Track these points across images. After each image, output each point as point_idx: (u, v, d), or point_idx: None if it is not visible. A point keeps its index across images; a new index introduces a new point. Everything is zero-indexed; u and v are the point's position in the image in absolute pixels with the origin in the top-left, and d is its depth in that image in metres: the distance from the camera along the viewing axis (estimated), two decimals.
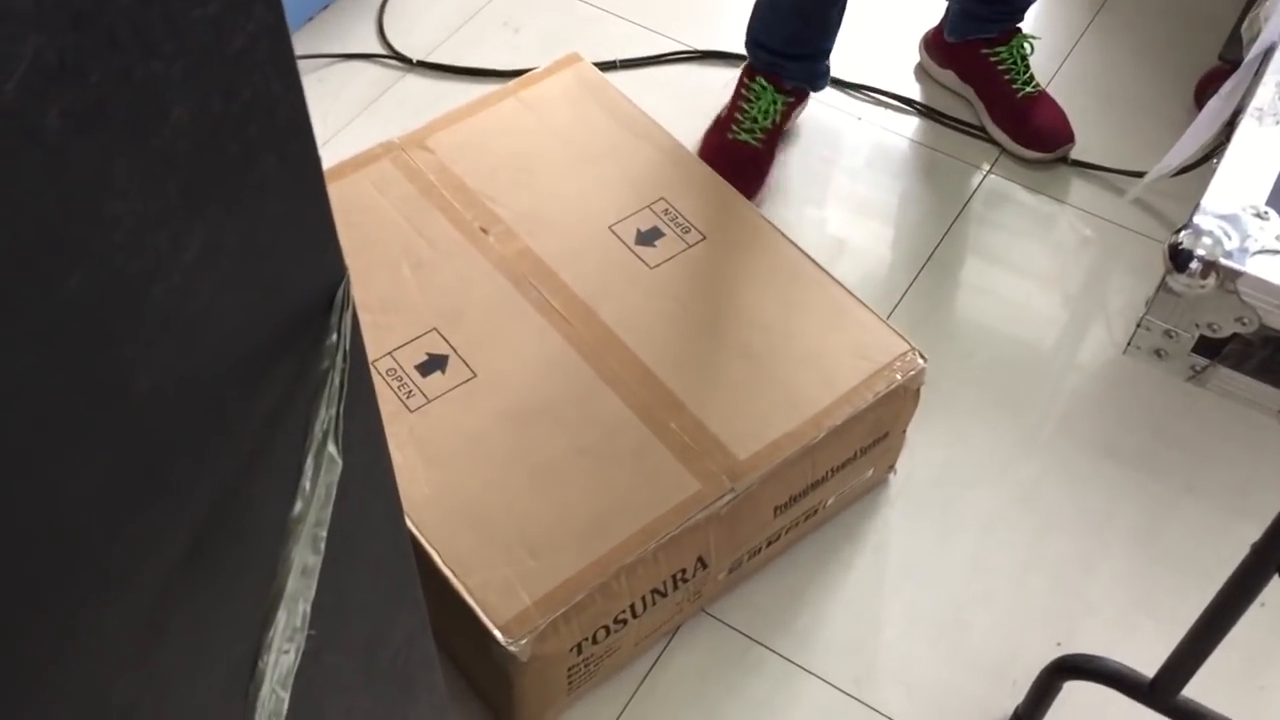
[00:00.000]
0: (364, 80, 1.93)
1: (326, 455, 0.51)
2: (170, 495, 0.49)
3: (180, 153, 0.43)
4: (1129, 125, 1.90)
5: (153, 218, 0.43)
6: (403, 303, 1.38)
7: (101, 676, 0.49)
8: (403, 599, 0.71)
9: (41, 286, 0.40)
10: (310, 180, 0.51)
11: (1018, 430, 1.58)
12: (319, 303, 0.54)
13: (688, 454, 1.28)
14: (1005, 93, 1.84)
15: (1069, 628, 1.41)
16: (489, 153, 1.53)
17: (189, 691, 0.56)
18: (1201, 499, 1.52)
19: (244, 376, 0.51)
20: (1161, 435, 1.57)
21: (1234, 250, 0.87)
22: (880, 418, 1.38)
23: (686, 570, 1.29)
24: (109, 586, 0.48)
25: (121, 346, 0.44)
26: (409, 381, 1.32)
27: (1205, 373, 0.94)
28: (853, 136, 1.90)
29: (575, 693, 1.31)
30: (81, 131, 0.38)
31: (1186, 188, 1.69)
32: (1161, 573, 1.46)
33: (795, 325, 1.40)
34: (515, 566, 1.20)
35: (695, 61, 1.98)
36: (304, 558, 0.49)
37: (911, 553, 1.47)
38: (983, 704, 1.35)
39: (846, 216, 1.79)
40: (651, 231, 1.46)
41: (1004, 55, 1.84)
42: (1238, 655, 1.27)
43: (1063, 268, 1.75)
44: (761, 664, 1.37)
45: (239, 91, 0.45)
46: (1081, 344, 1.69)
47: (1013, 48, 1.84)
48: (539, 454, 1.28)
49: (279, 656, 0.46)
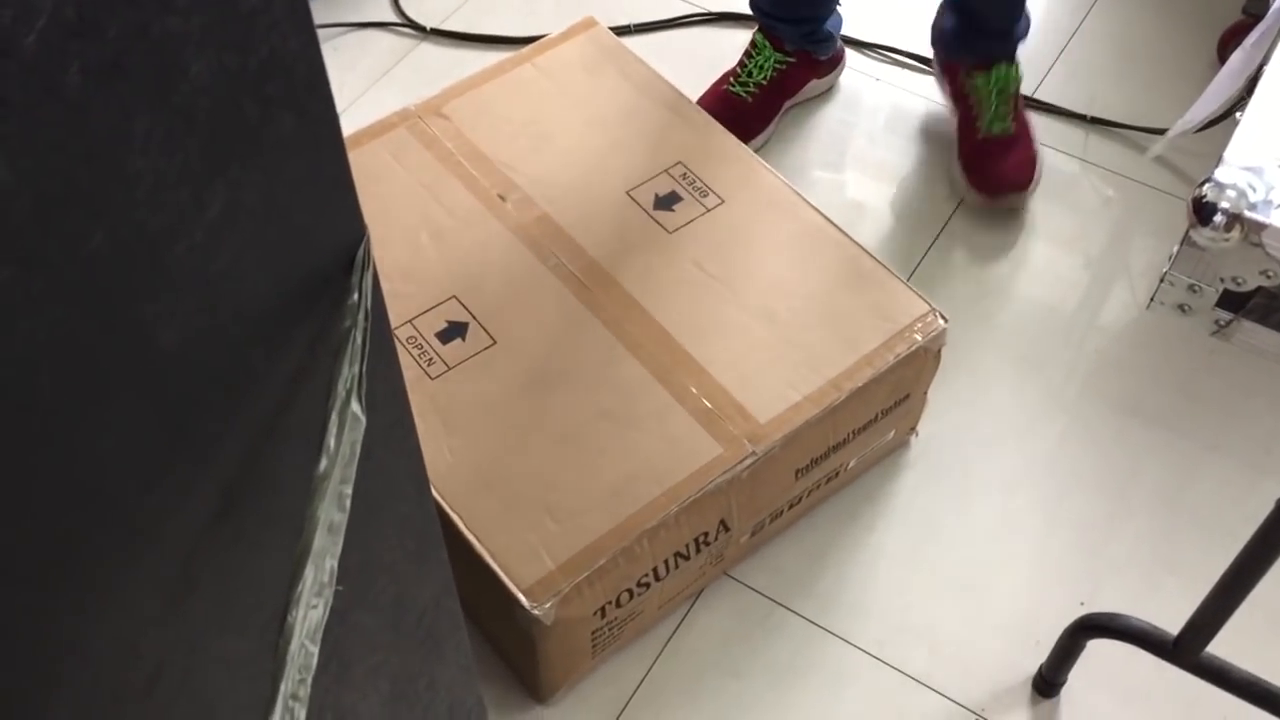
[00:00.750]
0: (379, 49, 1.93)
1: (350, 413, 0.51)
2: (197, 452, 0.49)
3: (199, 110, 0.43)
4: (1151, 81, 1.88)
5: (174, 175, 0.43)
6: (422, 271, 1.39)
7: (132, 631, 0.50)
8: (428, 559, 0.71)
9: (66, 243, 0.40)
10: (329, 139, 0.51)
11: (1040, 391, 1.58)
12: (340, 262, 0.54)
13: (708, 417, 1.28)
14: (969, 128, 1.72)
15: (1092, 586, 1.41)
16: (505, 119, 1.52)
17: (219, 647, 0.57)
18: (1226, 457, 1.51)
19: (267, 335, 0.51)
20: (1185, 394, 1.57)
21: (1258, 203, 0.86)
22: (901, 379, 1.37)
23: (709, 533, 1.29)
24: (139, 542, 0.48)
25: (146, 304, 0.44)
26: (429, 349, 1.33)
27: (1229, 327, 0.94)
28: (871, 98, 1.88)
29: (599, 656, 1.31)
30: (101, 87, 0.39)
31: (1210, 144, 1.67)
32: (1185, 531, 1.45)
33: (815, 287, 1.39)
34: (538, 531, 1.21)
35: (710, 24, 1.97)
36: (330, 515, 0.50)
37: (933, 514, 1.47)
38: (1006, 663, 1.36)
39: (865, 179, 1.78)
40: (669, 196, 1.46)
41: (979, 85, 1.70)
42: (1262, 613, 1.27)
43: (1084, 227, 1.74)
44: (784, 626, 1.38)
45: (256, 48, 0.45)
46: (1104, 304, 1.68)
47: (992, 78, 1.69)
48: (560, 419, 1.28)
49: (307, 611, 0.47)
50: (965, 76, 1.70)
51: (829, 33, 1.77)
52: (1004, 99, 1.69)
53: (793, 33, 1.75)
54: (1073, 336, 1.64)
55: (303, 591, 0.47)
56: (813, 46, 1.77)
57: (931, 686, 1.34)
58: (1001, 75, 1.69)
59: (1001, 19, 1.68)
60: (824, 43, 1.77)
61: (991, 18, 1.68)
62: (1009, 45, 1.70)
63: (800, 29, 1.74)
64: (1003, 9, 1.67)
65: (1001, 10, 1.68)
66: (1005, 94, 1.69)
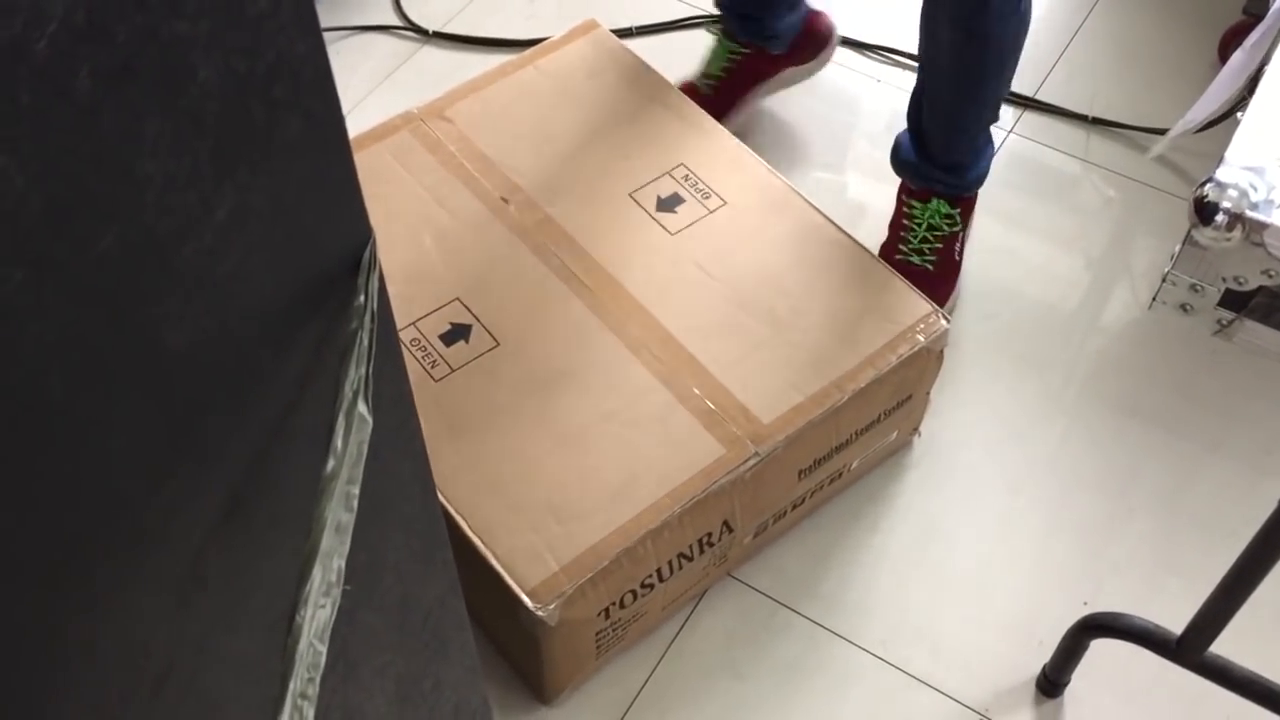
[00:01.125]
0: (381, 52, 1.93)
1: (357, 414, 0.52)
2: (205, 452, 0.50)
3: (208, 113, 0.43)
4: (1153, 81, 1.89)
5: (183, 178, 0.43)
6: (425, 273, 1.39)
7: (140, 631, 0.50)
8: (433, 559, 0.72)
9: (76, 246, 0.40)
10: (335, 142, 0.51)
11: (1042, 391, 1.58)
12: (346, 264, 0.54)
13: (711, 419, 1.29)
14: (892, 242, 1.62)
15: (1095, 586, 1.41)
16: (508, 122, 1.53)
17: (227, 646, 0.57)
18: (1227, 457, 1.51)
19: (274, 337, 0.51)
20: (1186, 395, 1.57)
21: (1260, 202, 0.87)
22: (904, 380, 1.38)
23: (712, 534, 1.30)
24: (147, 542, 0.48)
25: (154, 306, 0.44)
26: (433, 351, 1.33)
27: (1231, 326, 0.94)
28: (871, 100, 1.89)
29: (603, 657, 1.32)
30: (111, 91, 0.39)
31: (1211, 144, 1.68)
32: (1187, 531, 1.46)
33: (817, 288, 1.40)
34: (542, 533, 1.21)
35: (710, 27, 1.97)
36: (337, 515, 0.50)
37: (936, 515, 1.48)
38: (1010, 663, 1.36)
39: (867, 180, 1.78)
40: (672, 198, 1.46)
41: (915, 211, 1.60)
42: (1266, 612, 1.27)
43: (1085, 228, 1.74)
44: (788, 627, 1.38)
45: (263, 52, 0.45)
46: (1105, 305, 1.68)
47: (927, 209, 1.59)
48: (563, 421, 1.29)
49: (315, 611, 0.47)
50: (905, 196, 1.62)
51: (776, 31, 1.76)
52: (936, 234, 1.59)
53: (743, 27, 1.75)
54: (1074, 337, 1.64)
55: (311, 591, 0.47)
56: (762, 41, 1.76)
57: (935, 687, 1.34)
58: (935, 212, 1.59)
59: (948, 152, 1.57)
60: (771, 39, 1.76)
61: (937, 150, 1.57)
62: (955, 184, 1.59)
63: (750, 25, 1.74)
64: (950, 143, 1.56)
65: (948, 144, 1.56)
66: (936, 231, 1.59)
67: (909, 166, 1.61)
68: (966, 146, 1.58)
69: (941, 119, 1.55)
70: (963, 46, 1.46)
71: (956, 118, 1.55)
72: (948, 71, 1.50)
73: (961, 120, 1.55)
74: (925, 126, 1.57)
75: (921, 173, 1.60)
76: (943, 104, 1.54)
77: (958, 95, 1.52)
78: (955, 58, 1.48)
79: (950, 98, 1.53)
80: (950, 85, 1.52)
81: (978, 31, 1.43)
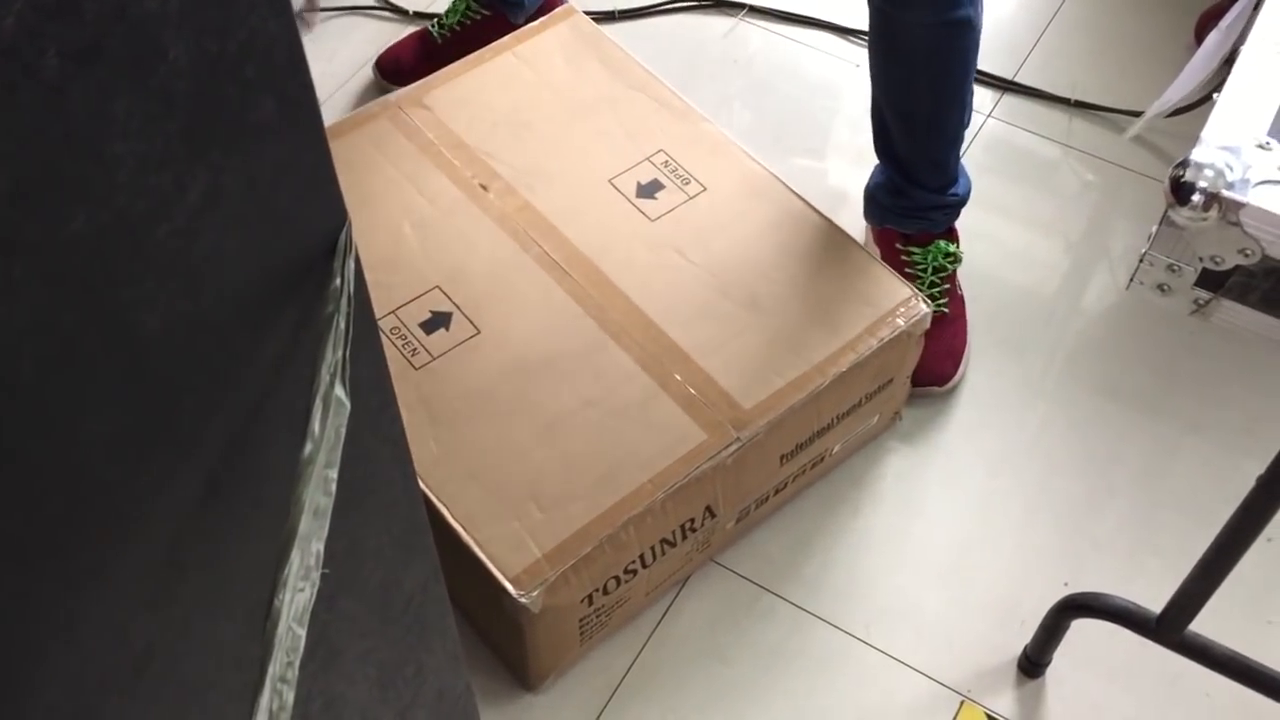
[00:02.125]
0: (361, 36, 1.92)
1: (335, 398, 0.51)
2: (181, 436, 0.50)
3: (179, 93, 0.43)
4: (1129, 64, 1.89)
5: (155, 159, 0.43)
6: (404, 261, 1.39)
7: (120, 616, 0.50)
8: (414, 545, 0.71)
9: (47, 227, 0.40)
10: (309, 123, 0.51)
11: (1021, 374, 1.59)
12: (321, 247, 0.54)
13: (693, 404, 1.29)
14: None
15: (1076, 567, 1.42)
16: (487, 109, 1.52)
17: (207, 631, 0.57)
18: (1206, 438, 1.52)
19: (250, 320, 0.51)
20: (1165, 376, 1.58)
21: (1236, 182, 0.87)
22: (884, 364, 1.38)
23: (695, 520, 1.30)
24: (125, 527, 0.48)
25: (127, 288, 0.44)
26: (413, 339, 1.33)
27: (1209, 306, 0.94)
28: (852, 85, 1.89)
29: (587, 643, 1.32)
30: (80, 70, 0.38)
31: (1188, 125, 1.69)
32: (1167, 512, 1.46)
33: (798, 273, 1.40)
34: (524, 520, 1.21)
35: (692, 11, 1.97)
36: (315, 499, 0.50)
37: (918, 497, 1.48)
38: (992, 644, 1.37)
39: (847, 166, 1.78)
40: (652, 184, 1.46)
41: (917, 259, 1.56)
42: (1244, 590, 1.28)
43: (1064, 211, 1.75)
44: (772, 611, 1.39)
45: (235, 31, 0.44)
46: (1084, 288, 1.69)
47: (929, 253, 1.56)
48: (545, 408, 1.29)
49: (294, 594, 0.47)
50: (902, 247, 1.56)
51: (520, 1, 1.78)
52: (943, 276, 1.56)
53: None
54: (1054, 319, 1.64)
55: (289, 575, 0.47)
56: (504, 7, 1.78)
57: (918, 668, 1.35)
58: (940, 250, 1.56)
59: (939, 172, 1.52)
60: (513, 7, 1.78)
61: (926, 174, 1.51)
62: (951, 205, 1.55)
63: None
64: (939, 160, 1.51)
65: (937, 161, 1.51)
66: (944, 270, 1.56)
67: (895, 212, 1.55)
68: (954, 157, 1.52)
69: (924, 137, 1.48)
70: (944, 43, 1.39)
71: (943, 127, 1.48)
72: (926, 78, 1.43)
73: (947, 128, 1.48)
74: (907, 154, 1.50)
75: (913, 213, 1.54)
76: (923, 118, 1.47)
77: (940, 101, 1.45)
78: (935, 59, 1.41)
79: (931, 108, 1.46)
80: (930, 93, 1.45)
81: (961, 20, 1.36)
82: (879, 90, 1.48)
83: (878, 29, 1.43)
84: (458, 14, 1.81)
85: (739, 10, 1.96)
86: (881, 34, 1.43)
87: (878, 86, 1.48)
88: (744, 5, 1.96)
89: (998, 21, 1.96)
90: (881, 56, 1.45)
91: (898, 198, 1.54)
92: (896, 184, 1.53)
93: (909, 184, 1.52)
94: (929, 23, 1.37)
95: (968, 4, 1.35)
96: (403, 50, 1.84)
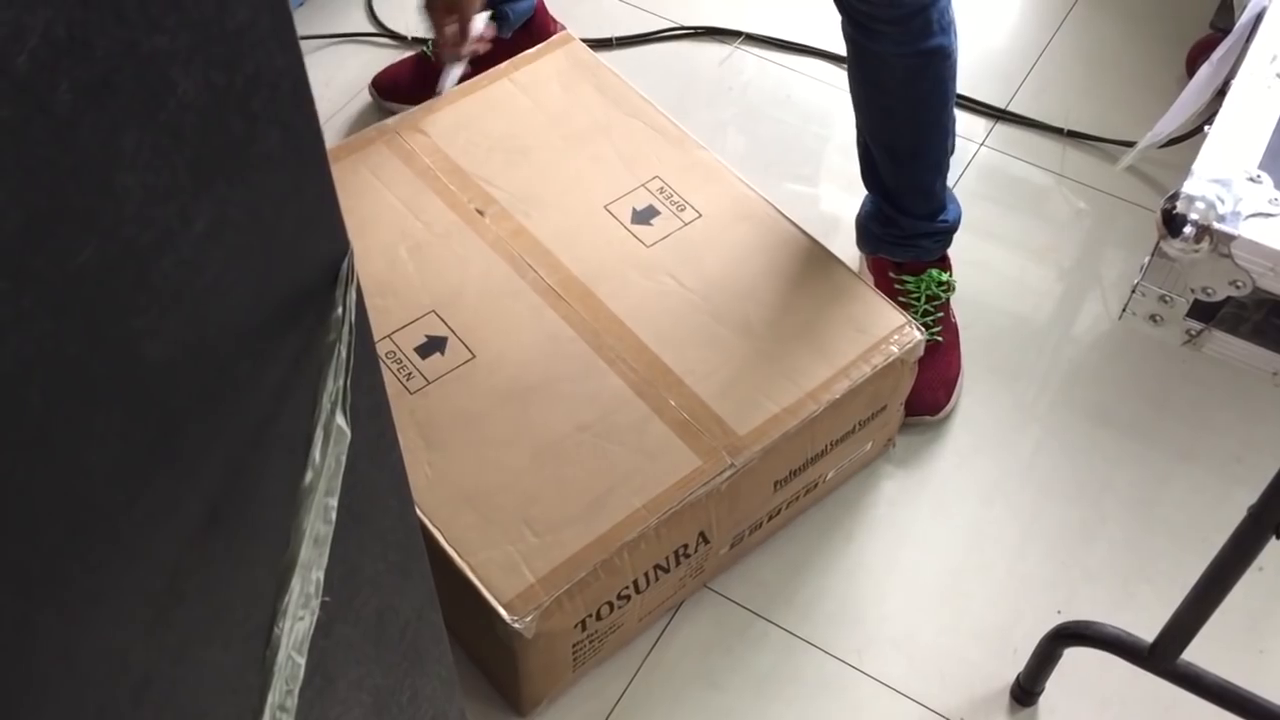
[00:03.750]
0: (359, 62, 1.93)
1: (335, 426, 0.52)
2: (183, 464, 0.50)
3: (186, 126, 0.43)
4: (1122, 95, 1.91)
5: (161, 191, 0.43)
6: (400, 285, 1.39)
7: (119, 643, 0.50)
8: (410, 571, 0.72)
9: (56, 258, 0.40)
10: (313, 155, 0.51)
11: (1014, 402, 1.59)
12: (324, 277, 0.54)
13: (687, 430, 1.29)
14: None
15: (1068, 595, 1.42)
16: (483, 134, 1.53)
17: (205, 658, 0.57)
18: (1198, 466, 1.53)
19: (252, 349, 0.51)
20: (1157, 404, 1.58)
21: (1227, 214, 0.88)
22: (878, 391, 1.38)
23: (688, 546, 1.30)
24: (126, 554, 0.48)
25: (133, 318, 0.45)
26: (408, 364, 1.33)
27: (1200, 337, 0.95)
28: (844, 112, 1.89)
29: (580, 669, 1.32)
30: (91, 104, 0.39)
31: (1180, 156, 1.70)
32: (1159, 540, 1.47)
33: (792, 300, 1.40)
34: (518, 545, 1.21)
35: (688, 39, 1.99)
36: (316, 527, 0.50)
37: (911, 524, 1.48)
38: (984, 672, 1.37)
39: (840, 192, 1.79)
40: (647, 210, 1.47)
41: (910, 288, 1.56)
42: (1237, 619, 1.28)
43: (1057, 240, 1.76)
44: (764, 638, 1.39)
45: (242, 65, 0.45)
46: (1077, 316, 1.70)
47: (921, 282, 1.56)
48: (539, 433, 1.29)
49: (294, 623, 0.47)
50: (895, 276, 1.56)
51: (506, 13, 1.76)
52: (936, 304, 1.56)
53: None
54: (1046, 348, 1.65)
55: (289, 603, 0.47)
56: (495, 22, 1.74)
57: (910, 696, 1.35)
58: (932, 279, 1.56)
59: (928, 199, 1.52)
60: (502, 21, 1.76)
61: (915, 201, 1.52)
62: (943, 231, 1.55)
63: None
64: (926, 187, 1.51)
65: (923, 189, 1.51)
66: (938, 299, 1.56)
67: (887, 241, 1.55)
68: (941, 184, 1.53)
69: (909, 166, 1.49)
70: (919, 73, 1.40)
71: (926, 155, 1.48)
72: (905, 108, 1.44)
73: (930, 156, 1.49)
74: (894, 184, 1.50)
75: (904, 241, 1.54)
76: (905, 147, 1.47)
77: (921, 130, 1.46)
78: (912, 88, 1.42)
79: (913, 138, 1.47)
80: (910, 122, 1.46)
81: (935, 49, 1.37)
82: (861, 121, 1.49)
83: (853, 61, 1.44)
84: None
85: (734, 38, 1.97)
86: (858, 65, 1.44)
87: (860, 117, 1.49)
88: (739, 34, 1.98)
89: (991, 51, 1.98)
90: (860, 87, 1.46)
91: (888, 227, 1.55)
92: (886, 213, 1.54)
93: (898, 213, 1.53)
94: (902, 53, 1.38)
95: (939, 32, 1.36)
96: (400, 70, 1.85)
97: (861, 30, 1.37)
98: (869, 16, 1.35)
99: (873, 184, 1.54)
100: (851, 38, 1.40)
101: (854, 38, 1.39)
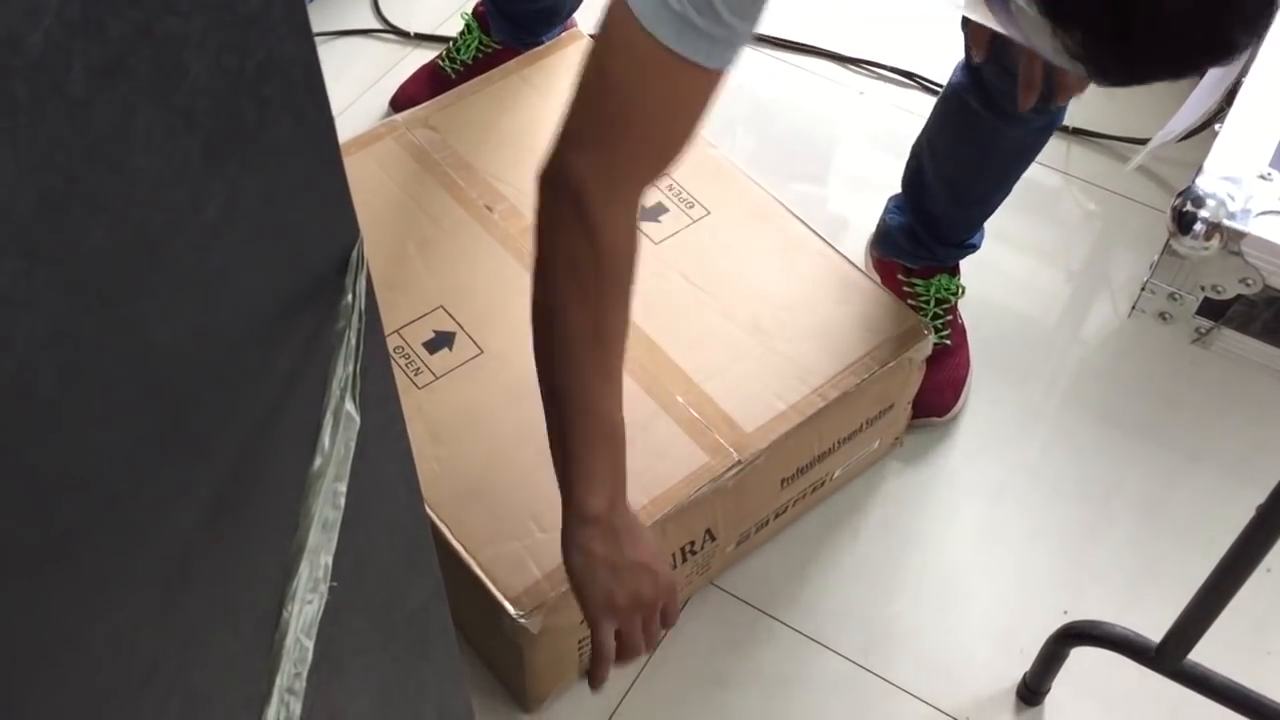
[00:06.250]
0: (366, 59, 1.93)
1: (345, 413, 0.52)
2: (193, 448, 0.50)
3: (199, 110, 0.44)
4: (1131, 94, 1.90)
5: (173, 174, 0.43)
6: (409, 280, 1.39)
7: (128, 627, 0.50)
8: (418, 561, 0.72)
9: (68, 239, 0.40)
10: (324, 141, 0.51)
11: (1023, 402, 1.59)
12: (334, 263, 0.54)
13: (694, 427, 1.29)
14: None
15: (1075, 595, 1.42)
16: (492, 130, 1.53)
17: (214, 643, 0.57)
18: (1206, 467, 1.53)
19: (262, 334, 0.51)
20: (1166, 405, 1.58)
21: (1237, 212, 0.88)
22: (886, 389, 1.38)
23: (695, 542, 1.30)
24: (135, 538, 0.48)
25: (143, 301, 0.45)
26: (416, 359, 1.33)
27: (1210, 335, 0.95)
28: (855, 112, 1.90)
29: (586, 665, 1.31)
30: (104, 85, 0.39)
31: (1190, 155, 1.69)
32: (1167, 540, 1.47)
33: (800, 298, 1.40)
34: (525, 540, 1.21)
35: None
36: (324, 512, 0.50)
37: (918, 523, 1.48)
38: (991, 671, 1.36)
39: (848, 192, 1.79)
40: (655, 207, 1.47)
41: (919, 291, 1.56)
42: (1244, 620, 1.28)
43: (1067, 240, 1.76)
44: (770, 635, 1.38)
45: (255, 50, 0.45)
46: (1086, 316, 1.69)
47: (931, 285, 1.56)
48: None
49: (303, 607, 0.47)
50: (904, 279, 1.56)
51: (539, 41, 1.74)
52: (946, 308, 1.56)
53: (503, 27, 1.76)
54: (1055, 347, 1.65)
55: (298, 587, 0.47)
56: (519, 44, 1.75)
57: (916, 695, 1.35)
58: (943, 284, 1.56)
59: (966, 231, 1.54)
60: (529, 43, 1.74)
61: (953, 231, 1.53)
62: (957, 255, 1.57)
63: (513, 30, 1.75)
64: (970, 224, 1.53)
65: (967, 224, 1.53)
66: (945, 304, 1.56)
67: (909, 252, 1.56)
68: (984, 221, 1.53)
69: (969, 208, 1.50)
70: (1033, 148, 1.40)
71: (991, 201, 1.49)
72: (999, 167, 1.44)
73: (997, 202, 1.49)
74: (942, 214, 1.51)
75: (923, 255, 1.55)
76: (977, 195, 1.48)
77: (1002, 184, 1.46)
78: (1020, 159, 1.42)
79: (989, 189, 1.47)
80: (997, 179, 1.46)
81: (1056, 121, 1.37)
82: (936, 161, 1.46)
83: (959, 121, 1.39)
84: (471, 49, 1.79)
85: None
86: (965, 127, 1.39)
87: (937, 158, 1.46)
88: None
89: None
90: (958, 145, 1.43)
91: (916, 245, 1.55)
92: (919, 235, 1.54)
93: (933, 238, 1.53)
94: (1027, 131, 1.36)
95: (1062, 111, 1.35)
96: (417, 86, 1.83)
97: (995, 108, 1.33)
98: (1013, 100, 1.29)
99: (915, 207, 1.53)
100: (971, 107, 1.36)
101: (976, 109, 1.35)
